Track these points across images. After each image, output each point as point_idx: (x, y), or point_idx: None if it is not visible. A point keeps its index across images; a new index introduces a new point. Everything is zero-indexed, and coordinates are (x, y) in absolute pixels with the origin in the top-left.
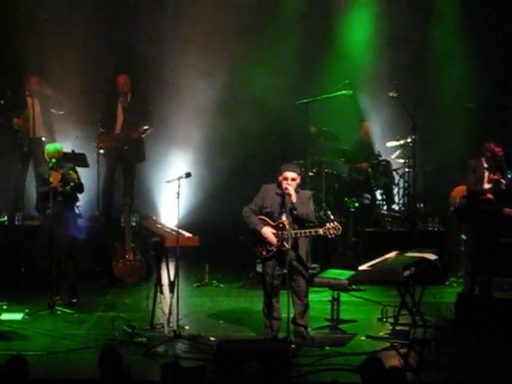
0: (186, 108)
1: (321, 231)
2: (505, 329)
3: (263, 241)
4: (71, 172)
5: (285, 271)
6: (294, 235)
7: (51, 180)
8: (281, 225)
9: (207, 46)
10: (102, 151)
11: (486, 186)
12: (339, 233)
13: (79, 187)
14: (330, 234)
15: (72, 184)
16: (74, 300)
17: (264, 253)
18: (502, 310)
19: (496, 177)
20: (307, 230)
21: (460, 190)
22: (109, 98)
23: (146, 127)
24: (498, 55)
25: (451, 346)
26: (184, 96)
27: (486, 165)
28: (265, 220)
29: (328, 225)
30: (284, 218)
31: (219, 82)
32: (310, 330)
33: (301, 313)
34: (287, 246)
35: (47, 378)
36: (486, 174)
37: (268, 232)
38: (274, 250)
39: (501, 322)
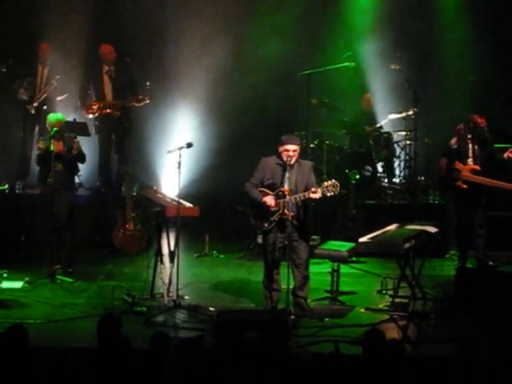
0: (187, 78)
1: (319, 190)
2: (504, 302)
3: (264, 213)
4: (76, 141)
5: (286, 243)
6: (293, 200)
7: (52, 148)
8: (280, 193)
9: (209, 15)
10: (90, 116)
11: (469, 160)
12: (337, 190)
13: (81, 156)
14: (329, 192)
15: (74, 151)
16: (70, 269)
17: (266, 225)
18: (502, 283)
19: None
20: (306, 193)
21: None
22: (92, 66)
23: (147, 101)
24: (501, 28)
25: (450, 318)
26: (185, 66)
27: (469, 135)
28: (265, 192)
29: (325, 183)
30: (286, 186)
31: (220, 51)
32: (309, 301)
33: (301, 284)
34: (288, 213)
35: (47, 347)
36: (470, 145)
37: (268, 198)
38: (276, 219)
39: (500, 295)
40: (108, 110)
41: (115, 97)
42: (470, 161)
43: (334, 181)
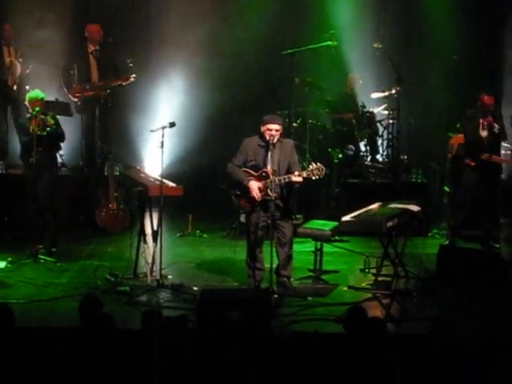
0: (169, 58)
1: (304, 174)
2: (485, 280)
3: (248, 194)
4: (48, 118)
5: (269, 222)
6: (277, 181)
7: (31, 129)
8: (264, 174)
9: None
10: (76, 99)
11: (483, 133)
12: (323, 173)
13: (59, 135)
14: (314, 176)
15: (48, 129)
16: (54, 249)
17: (248, 205)
18: (483, 262)
19: (488, 119)
20: (289, 175)
21: (458, 138)
22: (76, 46)
23: (132, 78)
24: (483, 7)
25: (432, 297)
26: (167, 46)
27: (480, 115)
28: (248, 172)
29: (311, 166)
30: (269, 167)
31: (203, 30)
32: (292, 280)
33: (284, 263)
34: (271, 194)
35: (30, 326)
36: (481, 120)
37: (254, 185)
38: (259, 200)
39: (482, 273)
40: (94, 92)
41: (100, 77)
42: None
43: (319, 164)
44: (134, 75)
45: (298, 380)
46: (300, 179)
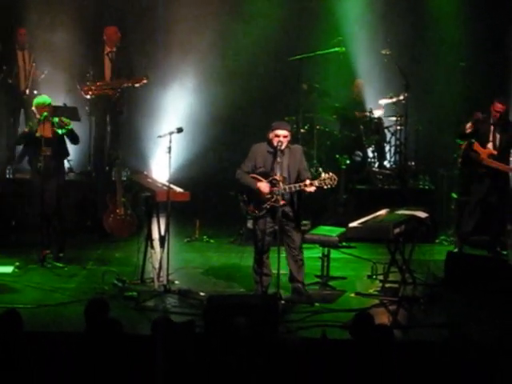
0: (176, 65)
1: (316, 183)
2: (493, 287)
3: (256, 199)
4: (62, 118)
5: (276, 228)
6: (288, 189)
7: (40, 133)
8: (274, 181)
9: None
10: (88, 96)
11: (489, 145)
12: (335, 183)
13: (74, 137)
14: (326, 185)
15: (69, 127)
16: (61, 254)
17: (257, 211)
18: (491, 268)
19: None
20: (302, 183)
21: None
22: (95, 49)
23: (145, 81)
24: (492, 14)
25: (440, 303)
26: (174, 52)
27: (491, 120)
28: (257, 179)
29: (323, 175)
30: (278, 174)
31: (212, 36)
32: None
33: (297, 269)
34: (281, 201)
35: (38, 331)
36: (492, 129)
37: (262, 184)
38: (268, 207)
39: (489, 279)
40: (106, 91)
41: (113, 79)
42: (489, 145)
43: (331, 174)
44: (146, 78)
45: None
46: (313, 189)
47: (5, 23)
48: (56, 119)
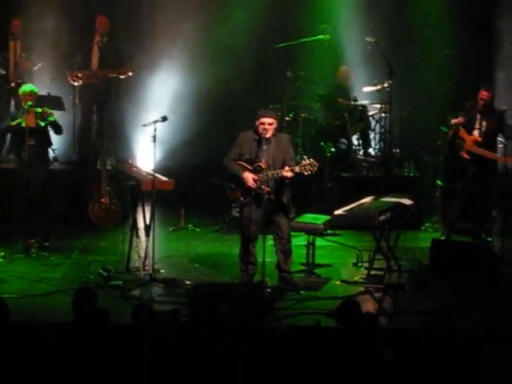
0: (160, 53)
1: (297, 169)
2: (478, 273)
3: (243, 186)
4: (45, 108)
5: (262, 216)
6: (270, 176)
7: (23, 122)
8: (258, 167)
9: None
10: (76, 84)
11: (475, 132)
12: (315, 169)
13: (57, 127)
14: (307, 171)
15: (50, 118)
16: (46, 243)
17: (242, 198)
18: (476, 255)
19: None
20: (279, 171)
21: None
22: (84, 37)
23: (130, 73)
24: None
25: (425, 290)
26: (159, 41)
27: (477, 108)
28: (243, 166)
29: (304, 161)
30: (263, 161)
31: (195, 25)
32: None
33: (284, 258)
34: (265, 188)
35: (23, 321)
36: (478, 117)
37: (248, 176)
38: (253, 193)
39: (474, 266)
40: (92, 80)
41: (99, 68)
42: (475, 132)
43: (312, 160)
44: (131, 71)
45: (289, 373)
46: (290, 174)
47: None
48: (39, 110)
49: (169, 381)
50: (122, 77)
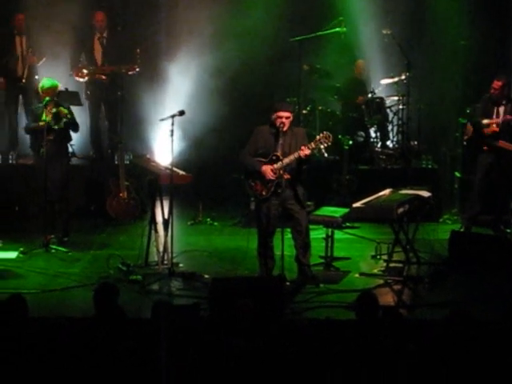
0: (178, 46)
1: (313, 144)
2: (497, 265)
3: (262, 181)
4: (61, 108)
5: (280, 209)
6: (288, 161)
7: (44, 117)
8: (274, 157)
9: None
10: (81, 80)
11: (485, 120)
12: (330, 140)
13: (73, 125)
14: (322, 144)
15: (65, 120)
16: (66, 239)
17: (264, 193)
18: (495, 246)
19: (509, 117)
20: (299, 151)
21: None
22: (84, 33)
23: (137, 69)
24: None
25: (444, 282)
26: (176, 34)
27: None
28: (259, 160)
29: (317, 136)
30: (279, 151)
31: (212, 18)
32: None
33: (302, 251)
34: (285, 176)
35: (42, 316)
36: (495, 109)
37: (267, 168)
38: (274, 185)
39: (493, 258)
40: (97, 76)
41: (104, 64)
42: (493, 125)
43: (325, 132)
44: (137, 66)
45: (309, 366)
46: (307, 152)
47: (3, 8)
48: (54, 110)
49: (188, 375)
50: (130, 73)
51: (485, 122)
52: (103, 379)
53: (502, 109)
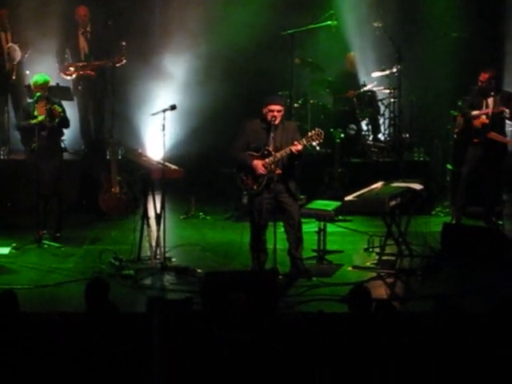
0: (170, 40)
1: (304, 141)
2: (489, 257)
3: (254, 175)
4: (55, 106)
5: (273, 203)
6: (279, 156)
7: (36, 114)
8: (266, 152)
9: None
10: (68, 78)
11: (475, 112)
12: (322, 137)
13: (65, 122)
14: (314, 140)
15: (57, 120)
16: (58, 234)
17: (255, 187)
18: (487, 238)
19: (502, 108)
20: (288, 148)
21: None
22: (68, 28)
23: (123, 61)
24: None
25: (437, 275)
26: (167, 27)
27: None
28: (250, 154)
29: (309, 133)
30: (271, 146)
31: (202, 12)
32: None
33: (295, 245)
34: (276, 170)
35: (35, 311)
36: (484, 101)
37: (258, 163)
38: (266, 179)
39: (485, 250)
40: (84, 71)
41: (91, 58)
42: (483, 116)
43: (317, 129)
44: (124, 58)
45: (302, 360)
46: (299, 147)
47: None
48: (48, 107)
49: (181, 368)
50: (117, 65)
51: (474, 113)
52: (96, 374)
53: (490, 100)
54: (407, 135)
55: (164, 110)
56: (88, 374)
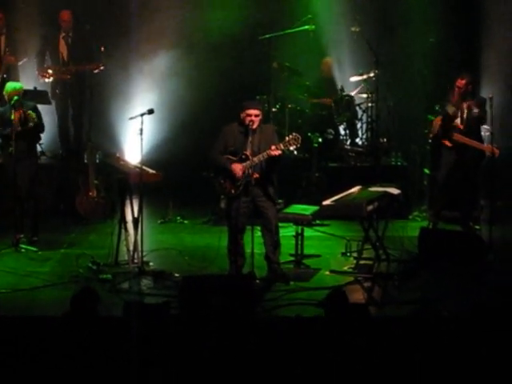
0: (147, 44)
1: (281, 146)
2: (466, 261)
3: (232, 178)
4: (30, 112)
5: (250, 207)
6: (257, 160)
7: (12, 118)
8: (243, 156)
9: None
10: (46, 80)
11: (457, 120)
12: (299, 142)
13: (39, 127)
14: (291, 145)
15: (31, 124)
16: (35, 238)
17: (233, 191)
18: (464, 243)
19: (468, 103)
20: (269, 151)
21: (440, 119)
22: (49, 31)
23: (101, 68)
24: None
25: (414, 279)
26: (145, 31)
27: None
28: (228, 158)
29: (287, 137)
30: (248, 150)
31: (180, 17)
32: None
33: (272, 249)
34: (254, 174)
35: (12, 316)
36: (462, 105)
37: (237, 167)
38: (243, 183)
39: (463, 254)
40: (63, 75)
41: (70, 63)
42: (457, 120)
43: (294, 134)
44: (102, 64)
45: (279, 364)
46: (278, 152)
47: None
48: (21, 114)
49: (158, 373)
50: (95, 71)
51: (451, 110)
52: (73, 377)
53: (465, 104)
54: (385, 140)
55: (142, 115)
56: (64, 378)
